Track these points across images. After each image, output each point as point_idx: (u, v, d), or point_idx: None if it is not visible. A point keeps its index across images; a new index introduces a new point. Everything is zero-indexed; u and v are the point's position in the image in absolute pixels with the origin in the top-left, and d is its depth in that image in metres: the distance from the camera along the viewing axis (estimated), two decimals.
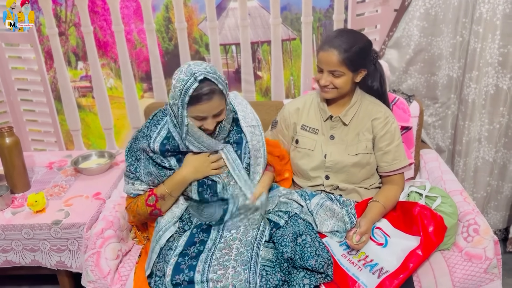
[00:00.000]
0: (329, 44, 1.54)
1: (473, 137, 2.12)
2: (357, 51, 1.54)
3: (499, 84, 2.03)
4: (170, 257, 1.44)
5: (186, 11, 2.07)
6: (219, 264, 1.39)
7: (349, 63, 1.54)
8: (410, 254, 1.46)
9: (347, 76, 1.57)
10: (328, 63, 1.55)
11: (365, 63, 1.60)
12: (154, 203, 1.51)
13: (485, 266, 1.51)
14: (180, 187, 1.52)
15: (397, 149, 1.65)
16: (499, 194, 2.24)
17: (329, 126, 1.70)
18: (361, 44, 1.56)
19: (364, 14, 2.10)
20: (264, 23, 2.08)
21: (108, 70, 2.21)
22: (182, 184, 1.52)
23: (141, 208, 1.53)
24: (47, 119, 2.34)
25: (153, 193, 1.52)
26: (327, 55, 1.55)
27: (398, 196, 1.66)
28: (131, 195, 1.57)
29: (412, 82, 2.13)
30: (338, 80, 1.58)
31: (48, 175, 2.11)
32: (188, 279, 1.37)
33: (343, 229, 1.56)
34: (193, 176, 1.51)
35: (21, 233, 1.76)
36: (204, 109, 1.41)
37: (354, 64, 1.56)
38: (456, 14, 1.98)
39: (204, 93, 1.38)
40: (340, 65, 1.54)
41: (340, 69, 1.55)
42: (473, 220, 1.57)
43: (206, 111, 1.42)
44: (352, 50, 1.53)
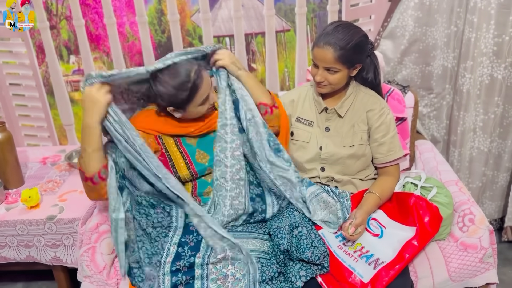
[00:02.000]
0: (325, 41, 1.51)
1: (468, 127, 2.12)
2: (353, 47, 1.52)
3: (493, 74, 2.03)
4: (169, 246, 1.44)
5: (178, 3, 2.05)
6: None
7: (345, 60, 1.53)
8: (406, 244, 1.46)
9: (342, 72, 1.56)
10: (324, 60, 1.53)
11: (360, 58, 1.59)
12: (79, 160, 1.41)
13: (481, 255, 1.51)
14: (85, 134, 1.35)
15: (392, 140, 1.65)
16: (494, 184, 2.25)
17: (324, 118, 1.69)
18: (357, 40, 1.53)
19: (359, 5, 2.08)
20: (258, 14, 2.06)
21: (101, 64, 2.19)
22: (84, 130, 1.35)
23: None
24: (39, 114, 2.32)
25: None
26: (323, 52, 1.52)
27: (394, 187, 1.66)
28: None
29: (407, 72, 2.13)
30: (334, 77, 1.56)
31: (41, 170, 2.09)
32: (188, 264, 1.37)
33: (334, 222, 1.56)
34: (89, 117, 1.33)
35: (15, 229, 1.75)
36: None
37: (350, 60, 1.54)
38: (450, 4, 1.97)
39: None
40: (336, 62, 1.53)
41: (336, 66, 1.53)
42: (468, 210, 1.57)
43: None
44: (348, 47, 1.51)
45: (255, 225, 1.57)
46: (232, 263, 1.37)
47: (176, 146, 1.56)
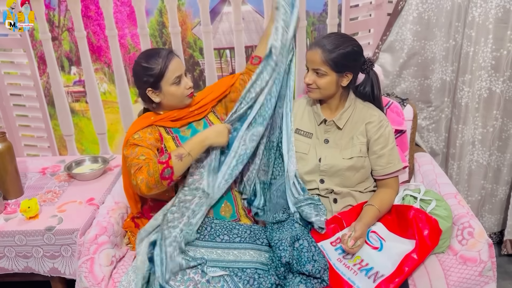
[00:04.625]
0: (316, 43, 1.59)
1: (467, 140, 2.13)
2: (342, 53, 1.56)
3: (492, 88, 2.04)
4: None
5: (180, 16, 2.07)
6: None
7: (332, 64, 1.56)
8: (405, 258, 1.46)
9: (330, 77, 1.59)
10: (312, 61, 1.59)
11: (351, 67, 1.61)
12: (166, 160, 1.46)
13: (480, 269, 1.51)
14: (200, 148, 1.53)
15: (391, 153, 1.66)
16: (494, 197, 2.25)
17: (323, 130, 1.70)
18: (348, 47, 1.57)
19: (358, 19, 2.10)
20: (258, 27, 2.08)
21: (102, 75, 2.20)
22: (201, 144, 1.53)
23: (152, 167, 1.45)
24: (40, 124, 2.32)
25: (168, 152, 1.53)
26: (312, 53, 1.59)
27: (393, 200, 1.66)
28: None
29: (406, 85, 2.14)
30: (322, 80, 1.60)
31: (41, 181, 2.09)
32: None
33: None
34: (214, 138, 1.55)
35: (14, 239, 1.74)
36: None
37: (338, 65, 1.57)
38: (449, 18, 2.00)
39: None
40: (323, 64, 1.57)
41: (323, 68, 1.58)
42: (467, 223, 1.57)
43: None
44: (336, 51, 1.56)
45: (253, 236, 1.57)
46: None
47: (173, 140, 1.64)
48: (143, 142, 1.55)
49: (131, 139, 1.57)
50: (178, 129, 1.68)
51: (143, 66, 1.56)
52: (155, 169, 1.44)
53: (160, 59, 1.55)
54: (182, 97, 1.61)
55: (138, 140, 1.56)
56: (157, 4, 2.05)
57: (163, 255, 1.43)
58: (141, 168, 1.46)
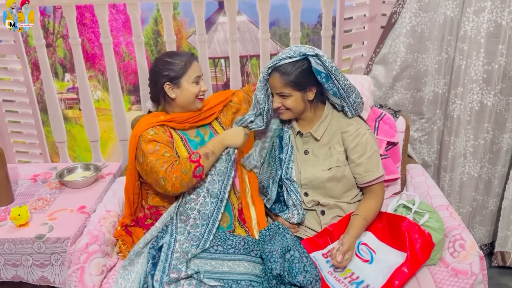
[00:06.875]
0: (273, 68, 1.57)
1: (459, 152, 2.14)
2: (299, 72, 1.56)
3: (483, 101, 2.06)
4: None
5: (175, 25, 2.08)
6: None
7: (293, 84, 1.57)
8: (396, 271, 1.46)
9: (295, 97, 1.60)
10: (274, 87, 1.60)
11: (311, 82, 1.60)
12: (198, 159, 1.55)
13: (471, 281, 1.51)
14: (220, 147, 1.62)
15: (369, 161, 1.65)
16: (485, 209, 2.27)
17: (302, 142, 1.71)
18: (304, 65, 1.56)
19: (352, 31, 2.12)
20: (253, 37, 2.09)
21: (96, 82, 2.20)
22: (221, 143, 1.63)
23: (185, 165, 1.53)
24: (32, 131, 2.31)
25: (195, 152, 1.58)
26: (272, 79, 1.59)
27: (379, 207, 1.65)
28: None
29: (399, 97, 2.16)
30: (288, 101, 1.61)
31: (32, 188, 2.07)
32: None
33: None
34: (231, 139, 1.64)
35: (3, 247, 1.72)
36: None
37: (299, 84, 1.58)
38: (441, 32, 2.02)
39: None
40: (285, 87, 1.58)
41: (286, 90, 1.58)
42: (459, 236, 1.58)
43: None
44: (293, 72, 1.55)
45: (247, 247, 1.57)
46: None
47: (182, 142, 1.67)
48: (162, 139, 1.60)
49: (147, 135, 1.59)
50: (186, 132, 1.71)
51: (166, 61, 1.63)
52: (188, 168, 1.52)
53: (184, 57, 1.64)
54: (195, 98, 1.66)
55: (155, 136, 1.60)
56: (153, 13, 2.05)
57: (166, 263, 1.49)
58: (173, 165, 1.53)
